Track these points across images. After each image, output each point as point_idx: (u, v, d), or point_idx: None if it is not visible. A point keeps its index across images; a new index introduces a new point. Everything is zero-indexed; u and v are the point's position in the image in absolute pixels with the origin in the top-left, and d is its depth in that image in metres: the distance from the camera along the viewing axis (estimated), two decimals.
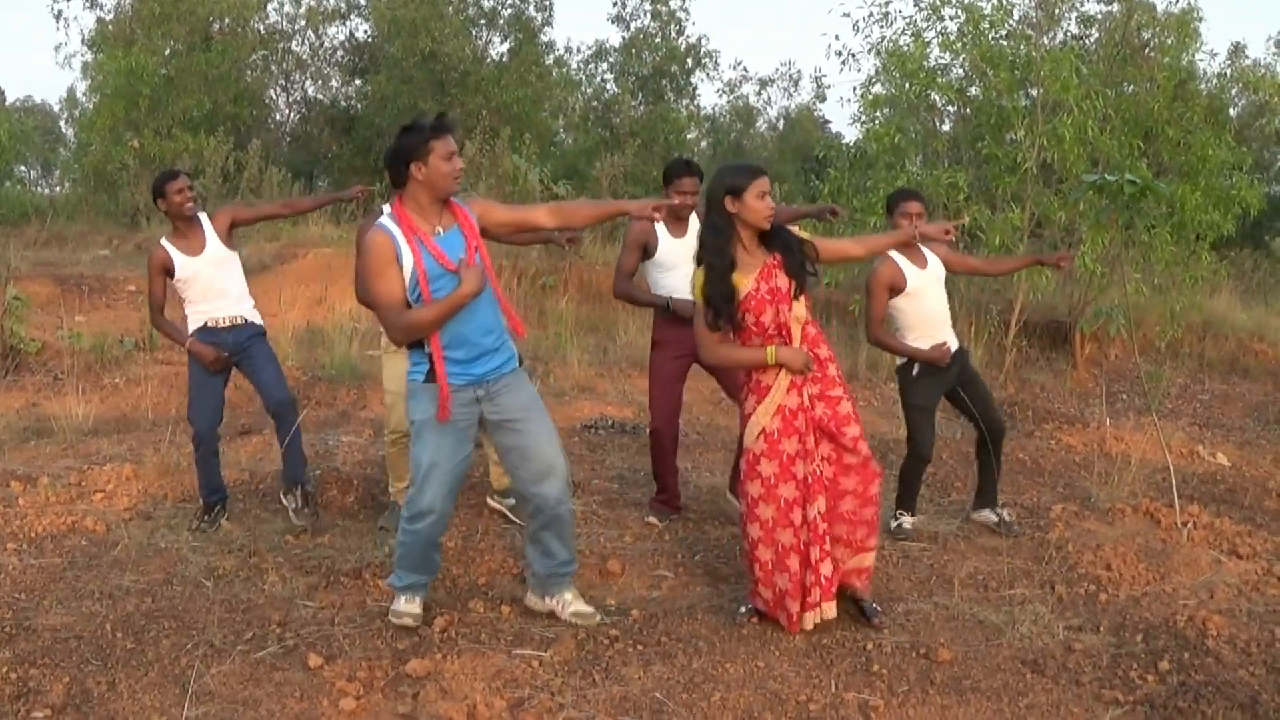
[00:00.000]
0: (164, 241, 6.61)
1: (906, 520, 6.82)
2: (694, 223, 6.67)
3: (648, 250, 6.63)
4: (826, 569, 5.17)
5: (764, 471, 5.15)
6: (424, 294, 4.78)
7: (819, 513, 5.14)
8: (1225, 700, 4.63)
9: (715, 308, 5.09)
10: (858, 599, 5.47)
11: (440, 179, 4.79)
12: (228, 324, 6.62)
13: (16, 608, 5.37)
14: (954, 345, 6.66)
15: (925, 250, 6.62)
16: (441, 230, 4.85)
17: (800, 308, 5.13)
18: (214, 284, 6.60)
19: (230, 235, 6.72)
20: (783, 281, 5.09)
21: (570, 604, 5.37)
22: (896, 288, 6.47)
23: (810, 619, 5.20)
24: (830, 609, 5.24)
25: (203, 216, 6.67)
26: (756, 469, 5.17)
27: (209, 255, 6.59)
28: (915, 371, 6.61)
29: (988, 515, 6.99)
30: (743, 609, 5.44)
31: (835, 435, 5.17)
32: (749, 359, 5.15)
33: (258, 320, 6.79)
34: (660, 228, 6.60)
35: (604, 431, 9.45)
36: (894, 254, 6.48)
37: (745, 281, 5.08)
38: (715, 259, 5.08)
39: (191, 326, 6.62)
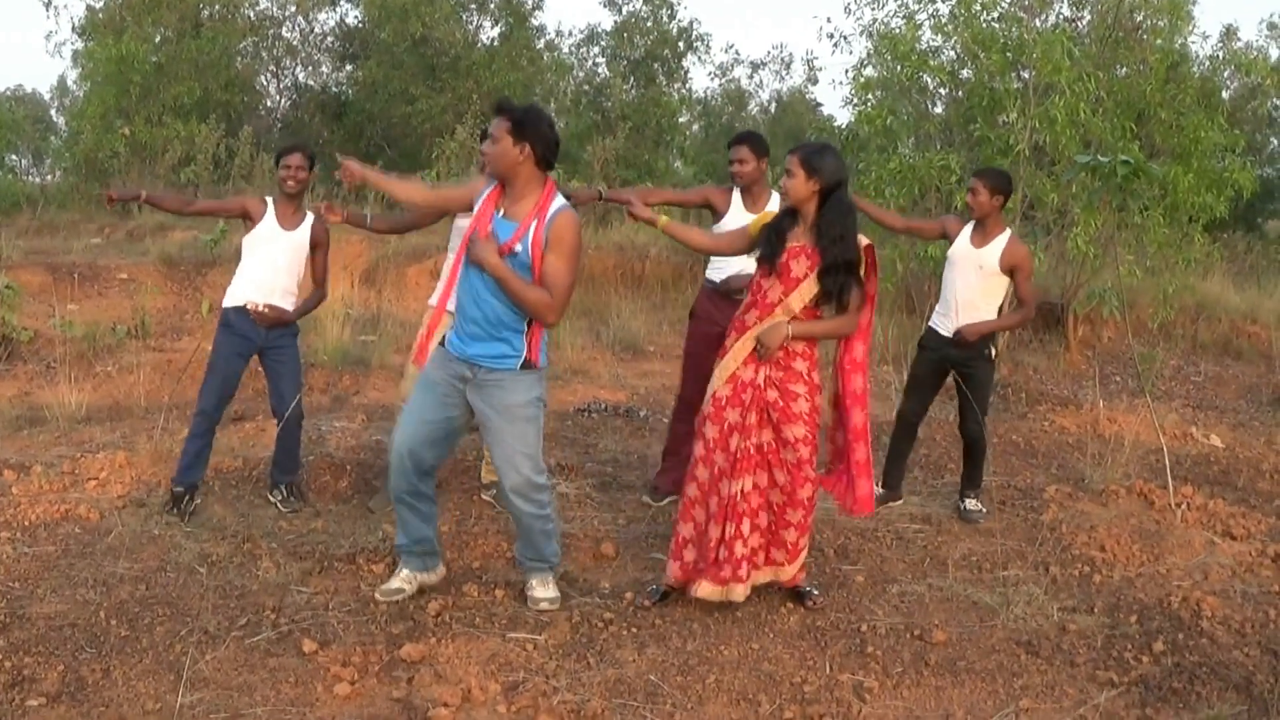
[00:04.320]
0: (269, 198, 6.70)
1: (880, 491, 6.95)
2: (773, 200, 6.60)
3: (715, 210, 6.62)
4: (740, 549, 5.17)
5: (707, 434, 5.24)
6: (460, 246, 5.11)
7: (742, 491, 5.15)
8: (1220, 681, 4.65)
9: (767, 237, 5.21)
10: (795, 588, 5.49)
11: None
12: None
13: (10, 596, 5.36)
14: (943, 330, 6.74)
15: (999, 240, 6.69)
16: (503, 214, 4.96)
17: (797, 303, 5.13)
18: (274, 263, 6.63)
19: (313, 246, 6.77)
20: (800, 270, 5.11)
21: (534, 589, 5.40)
22: (948, 237, 6.85)
23: (717, 593, 5.18)
24: (739, 592, 5.20)
25: (310, 209, 6.75)
26: (703, 430, 5.28)
27: (292, 240, 6.66)
28: (920, 340, 6.79)
29: (957, 501, 7.03)
30: (653, 587, 5.54)
31: (778, 427, 5.17)
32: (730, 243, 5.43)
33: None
34: (736, 196, 6.57)
35: (597, 415, 9.45)
36: (969, 222, 6.82)
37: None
38: (779, 218, 5.28)
39: (228, 301, 6.65)
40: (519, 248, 4.87)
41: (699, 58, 27.27)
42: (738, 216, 6.44)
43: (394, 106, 22.58)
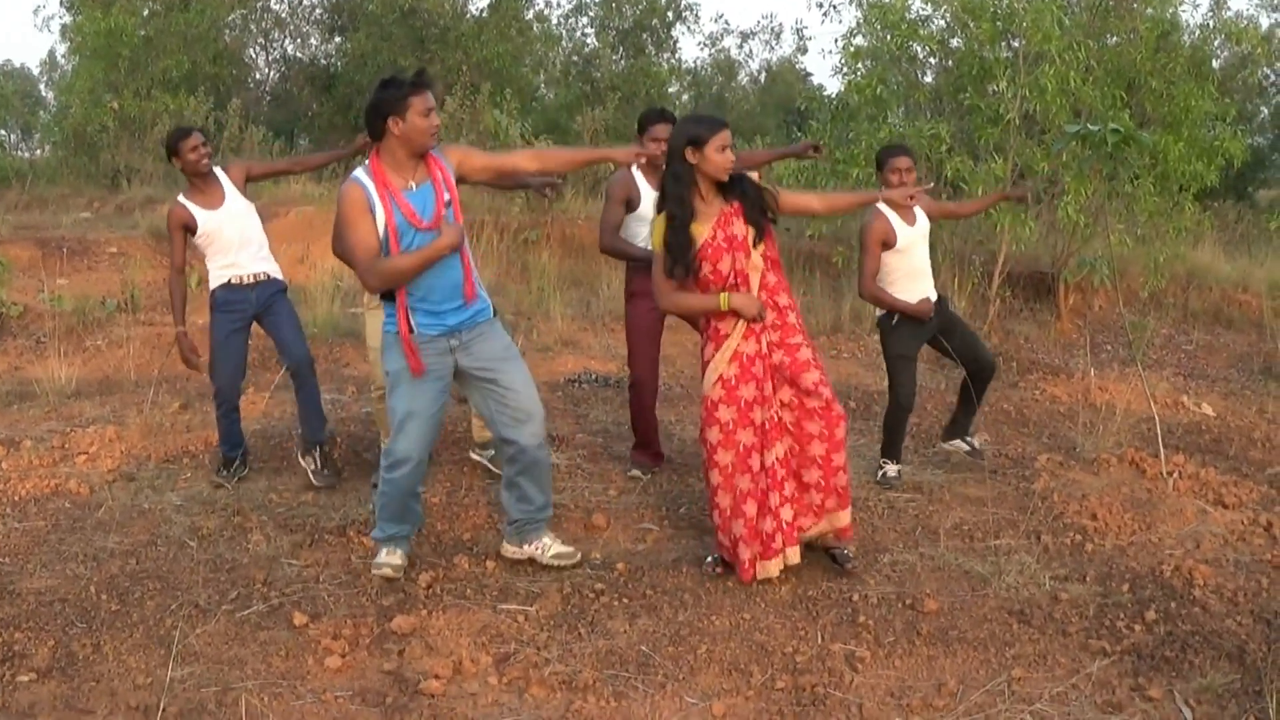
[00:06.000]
0: (182, 199, 6.59)
1: (891, 468, 6.85)
2: None
3: (630, 204, 6.58)
4: (787, 514, 5.17)
5: (722, 417, 5.16)
6: (393, 250, 4.83)
7: (777, 459, 5.14)
8: (1212, 650, 4.65)
9: (674, 257, 5.13)
10: (829, 548, 5.47)
11: (417, 135, 4.81)
12: (251, 281, 6.64)
13: (0, 572, 5.35)
14: (933, 297, 6.69)
15: (915, 208, 6.64)
16: (414, 185, 4.86)
17: (758, 256, 5.13)
18: (236, 237, 6.60)
19: (245, 188, 6.74)
20: (740, 229, 5.10)
21: (550, 547, 5.42)
22: (888, 244, 6.51)
23: (775, 566, 5.19)
24: (794, 554, 5.22)
25: (218, 170, 6.68)
26: (715, 415, 5.18)
27: (229, 208, 6.59)
28: (895, 321, 6.65)
29: (958, 444, 7.05)
30: (709, 559, 5.46)
31: (795, 380, 5.15)
32: (703, 306, 5.20)
33: (279, 275, 6.82)
34: (641, 181, 6.55)
35: (587, 385, 9.43)
36: (885, 210, 6.53)
37: (703, 230, 5.12)
38: (676, 209, 5.12)
39: (214, 284, 6.63)
40: (448, 196, 4.91)
41: (688, 27, 27.37)
42: (650, 196, 6.42)
43: (382, 78, 22.46)
